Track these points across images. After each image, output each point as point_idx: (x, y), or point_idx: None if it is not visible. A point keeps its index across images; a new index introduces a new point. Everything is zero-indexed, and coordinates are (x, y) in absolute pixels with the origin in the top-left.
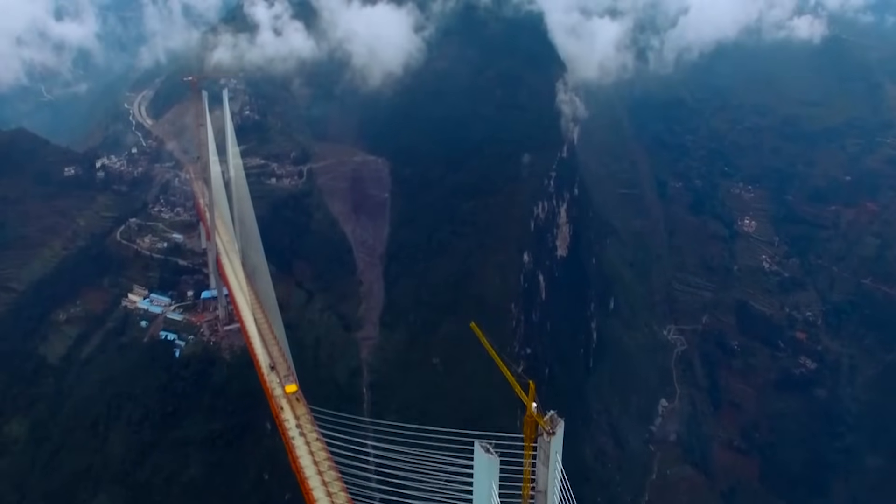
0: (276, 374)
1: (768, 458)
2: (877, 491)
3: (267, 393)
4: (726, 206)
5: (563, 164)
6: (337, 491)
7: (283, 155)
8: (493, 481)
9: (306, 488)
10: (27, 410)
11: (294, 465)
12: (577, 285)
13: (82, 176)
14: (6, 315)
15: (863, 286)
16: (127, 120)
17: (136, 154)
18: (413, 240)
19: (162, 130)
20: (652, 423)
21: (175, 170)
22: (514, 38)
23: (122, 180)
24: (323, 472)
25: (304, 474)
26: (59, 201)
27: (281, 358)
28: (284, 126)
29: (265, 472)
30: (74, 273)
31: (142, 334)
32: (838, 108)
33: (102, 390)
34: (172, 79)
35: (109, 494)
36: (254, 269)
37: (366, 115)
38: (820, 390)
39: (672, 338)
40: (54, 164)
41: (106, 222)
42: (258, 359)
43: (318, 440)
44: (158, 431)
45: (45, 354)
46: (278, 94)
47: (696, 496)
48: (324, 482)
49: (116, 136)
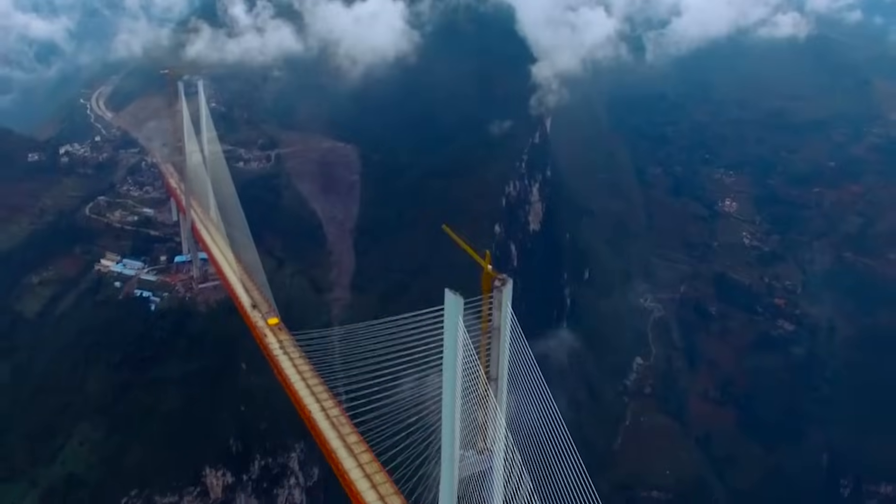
0: (259, 312)
1: (745, 408)
2: (850, 435)
3: (250, 324)
4: (707, 189)
5: (535, 148)
6: (320, 392)
7: (250, 142)
8: (459, 316)
9: (295, 397)
10: (6, 356)
11: (280, 377)
12: (550, 257)
13: (46, 162)
14: None
15: (844, 259)
16: (84, 114)
17: (100, 142)
18: (383, 216)
19: (124, 122)
20: (626, 378)
21: (141, 155)
22: (489, 29)
23: (86, 164)
24: (307, 379)
25: (291, 384)
26: (24, 184)
27: (262, 301)
28: (251, 116)
29: (242, 405)
30: (44, 243)
31: (116, 293)
32: (824, 102)
33: (80, 339)
34: (133, 75)
35: (91, 423)
36: (231, 231)
37: (336, 105)
38: (797, 349)
39: (649, 305)
40: (18, 151)
41: (73, 201)
42: (241, 299)
43: (301, 357)
44: (137, 372)
45: (21, 310)
46: (243, 89)
47: (670, 441)
48: (311, 391)
49: (74, 128)
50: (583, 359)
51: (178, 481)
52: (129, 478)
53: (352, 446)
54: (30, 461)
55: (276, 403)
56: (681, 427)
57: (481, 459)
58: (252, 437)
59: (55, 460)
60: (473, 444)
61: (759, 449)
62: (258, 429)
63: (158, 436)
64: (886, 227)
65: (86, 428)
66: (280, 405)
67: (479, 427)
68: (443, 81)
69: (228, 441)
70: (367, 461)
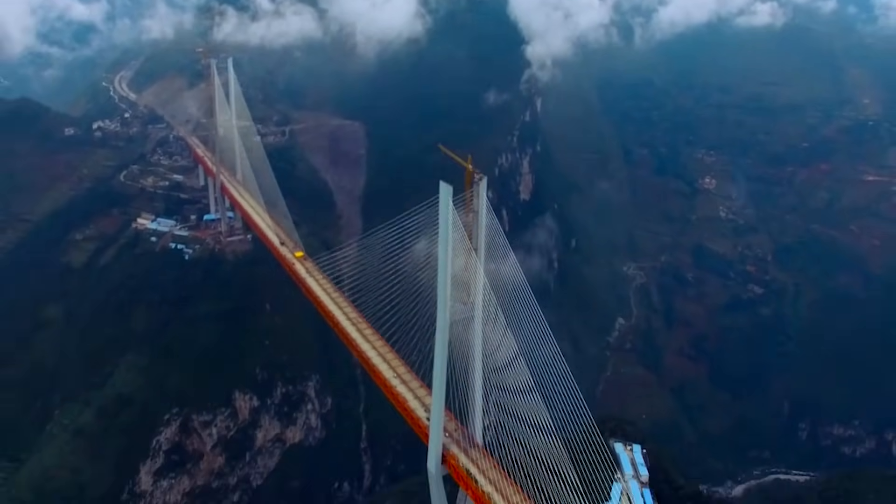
0: (286, 248)
1: (715, 361)
2: (808, 385)
3: (279, 256)
4: (688, 168)
5: (526, 125)
6: (344, 305)
7: (267, 118)
8: (449, 199)
9: (324, 310)
10: (60, 298)
11: (310, 296)
12: (539, 224)
13: (81, 136)
14: (26, 238)
15: (811, 230)
16: (108, 95)
17: (129, 118)
18: (387, 184)
19: (148, 101)
20: (609, 335)
21: (167, 130)
22: (486, 15)
23: (118, 138)
24: (330, 293)
25: (319, 299)
26: (62, 156)
27: (288, 239)
28: (266, 97)
29: (266, 339)
30: (84, 206)
31: (153, 246)
32: (799, 87)
33: (123, 283)
34: (154, 58)
35: (136, 353)
36: (261, 183)
37: (345, 86)
38: (765, 310)
39: (631, 273)
40: (55, 127)
41: (108, 170)
42: (271, 239)
43: (324, 279)
44: (175, 310)
45: (69, 262)
46: (260, 70)
47: (647, 390)
48: (335, 302)
49: (99, 108)
50: (567, 318)
51: (212, 403)
52: (170, 399)
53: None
54: (84, 385)
55: (295, 339)
56: (657, 378)
57: (465, 308)
58: (275, 368)
59: (106, 384)
60: (460, 298)
61: (727, 397)
62: (280, 360)
63: (195, 364)
64: (850, 201)
65: (132, 357)
66: (299, 341)
67: (463, 285)
68: (443, 64)
69: (255, 370)
70: (380, 345)
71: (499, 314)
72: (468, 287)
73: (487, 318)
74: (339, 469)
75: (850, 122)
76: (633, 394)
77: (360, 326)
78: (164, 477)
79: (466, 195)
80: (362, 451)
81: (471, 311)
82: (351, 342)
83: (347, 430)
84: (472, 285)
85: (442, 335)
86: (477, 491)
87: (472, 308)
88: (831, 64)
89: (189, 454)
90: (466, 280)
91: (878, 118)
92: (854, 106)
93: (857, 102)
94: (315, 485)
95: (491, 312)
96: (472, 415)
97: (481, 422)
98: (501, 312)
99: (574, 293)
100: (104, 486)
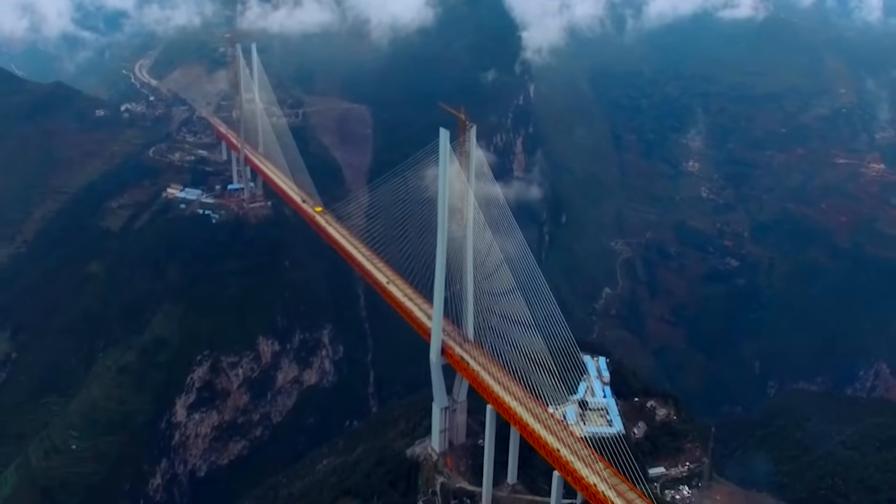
0: (308, 205)
1: (693, 327)
2: (777, 347)
3: (299, 209)
4: (673, 153)
5: (519, 109)
6: (359, 245)
7: (282, 101)
8: (447, 142)
9: (342, 249)
10: (101, 256)
11: (330, 240)
12: (531, 200)
13: (111, 117)
14: (65, 207)
15: (786, 208)
16: (129, 83)
17: (154, 101)
18: (391, 161)
19: (171, 85)
20: (595, 303)
21: (190, 111)
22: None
23: (145, 119)
24: (347, 238)
25: (338, 241)
26: (94, 134)
27: (308, 197)
28: (280, 81)
29: (285, 292)
30: (117, 178)
31: (183, 212)
32: (779, 76)
33: (158, 243)
34: (171, 47)
35: (171, 303)
36: (285, 149)
37: (353, 71)
38: (740, 280)
39: (618, 248)
40: (87, 108)
41: (137, 147)
42: (293, 197)
43: (342, 227)
44: (204, 266)
45: (107, 227)
46: (275, 56)
47: (631, 351)
48: (351, 244)
49: (120, 92)
50: (556, 286)
51: (238, 347)
52: (201, 343)
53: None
54: (125, 331)
55: (311, 293)
56: (640, 341)
57: (460, 228)
58: (293, 317)
59: (145, 330)
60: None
61: (703, 358)
62: (298, 310)
63: (223, 313)
64: (821, 182)
65: (167, 306)
66: (314, 294)
67: (458, 211)
68: (444, 51)
69: (276, 318)
70: (391, 274)
71: (486, 230)
72: (462, 213)
73: (477, 235)
74: (349, 410)
75: (827, 110)
76: (616, 354)
77: (373, 262)
78: (197, 410)
79: (461, 140)
80: (370, 395)
81: (464, 231)
82: (366, 272)
83: (357, 376)
84: (465, 210)
85: (441, 247)
86: (469, 370)
87: (465, 228)
88: (810, 55)
89: (218, 392)
90: (461, 207)
91: (851, 106)
92: (830, 95)
93: (834, 92)
94: (328, 423)
95: (480, 231)
96: (465, 316)
97: (473, 321)
98: (488, 228)
99: (563, 264)
100: (146, 416)
